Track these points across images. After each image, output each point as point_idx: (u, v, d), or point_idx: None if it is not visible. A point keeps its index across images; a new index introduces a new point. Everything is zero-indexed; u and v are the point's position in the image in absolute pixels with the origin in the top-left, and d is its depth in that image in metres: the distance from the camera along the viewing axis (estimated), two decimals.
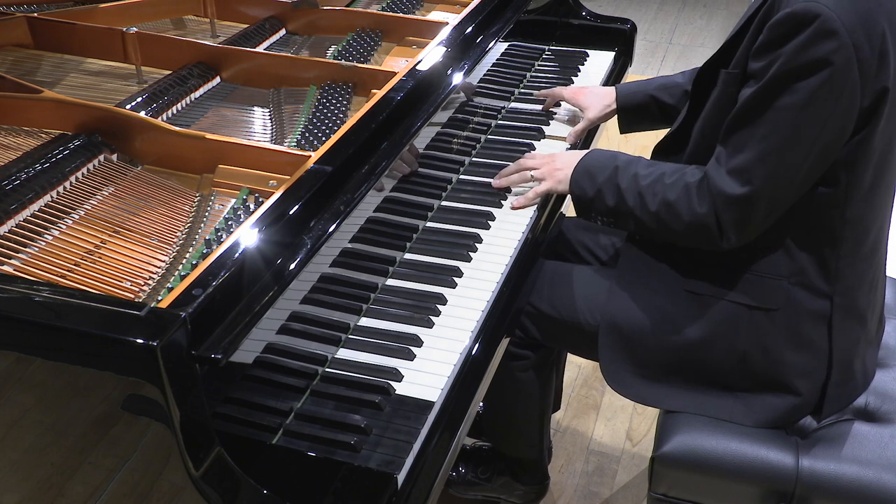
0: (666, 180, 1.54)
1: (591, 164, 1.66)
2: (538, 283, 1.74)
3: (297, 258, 1.26)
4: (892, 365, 1.69)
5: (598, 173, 1.63)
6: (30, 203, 1.37)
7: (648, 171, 1.58)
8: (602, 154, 1.68)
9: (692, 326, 1.58)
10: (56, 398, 1.11)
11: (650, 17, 5.53)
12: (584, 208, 1.67)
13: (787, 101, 1.37)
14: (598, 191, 1.62)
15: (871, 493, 1.47)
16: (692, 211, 1.49)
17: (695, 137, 1.59)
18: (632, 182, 1.57)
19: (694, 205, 1.49)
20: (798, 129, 1.38)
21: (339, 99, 1.73)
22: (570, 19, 2.54)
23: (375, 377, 1.36)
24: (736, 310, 1.55)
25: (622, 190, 1.58)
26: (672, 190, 1.52)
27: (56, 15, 1.94)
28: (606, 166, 1.63)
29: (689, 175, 1.52)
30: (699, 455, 1.53)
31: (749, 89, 1.42)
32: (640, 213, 1.56)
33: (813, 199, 1.46)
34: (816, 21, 1.32)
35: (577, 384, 2.59)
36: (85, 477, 1.16)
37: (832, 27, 1.31)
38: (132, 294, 1.25)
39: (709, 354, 1.58)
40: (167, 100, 1.70)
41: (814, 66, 1.34)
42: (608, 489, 2.27)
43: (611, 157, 1.65)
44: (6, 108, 1.60)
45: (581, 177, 1.66)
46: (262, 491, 1.10)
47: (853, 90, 1.35)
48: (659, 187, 1.54)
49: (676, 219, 1.51)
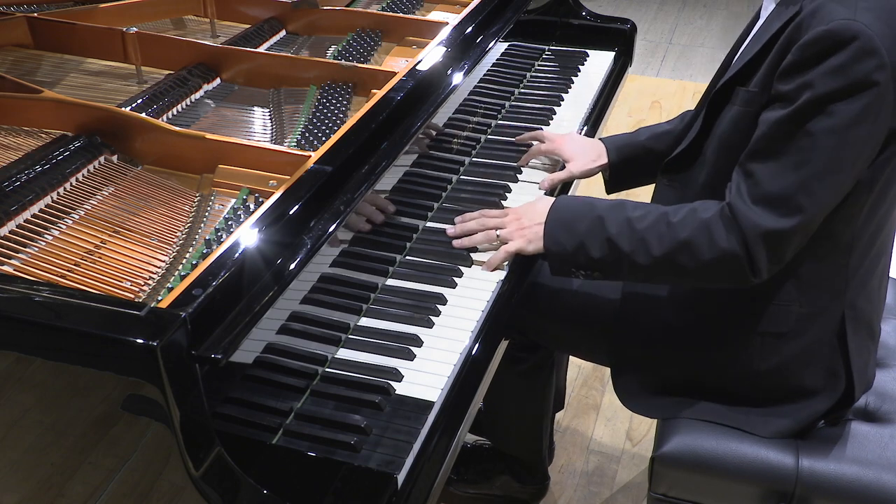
0: (671, 219, 1.43)
1: (566, 216, 1.52)
2: (538, 284, 1.72)
3: (297, 258, 1.26)
4: (892, 365, 1.69)
5: (576, 224, 1.49)
6: (30, 204, 1.37)
7: (642, 213, 1.46)
8: (573, 202, 1.55)
9: (704, 347, 1.55)
10: (56, 398, 1.11)
11: (650, 17, 5.52)
12: (563, 264, 1.53)
13: (825, 125, 1.29)
14: (580, 244, 1.48)
15: (871, 493, 1.47)
16: (715, 247, 1.38)
17: (710, 157, 1.50)
18: (625, 227, 1.45)
19: (717, 240, 1.38)
20: (838, 154, 1.30)
21: (339, 99, 1.73)
22: (570, 19, 2.54)
23: (375, 377, 1.36)
24: (747, 334, 1.51)
25: (612, 237, 1.45)
26: (683, 229, 1.41)
27: (56, 15, 1.94)
28: (584, 215, 1.50)
29: (703, 211, 1.42)
30: (699, 455, 1.53)
31: (776, 112, 1.34)
32: (641, 259, 1.44)
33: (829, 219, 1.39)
34: (856, 40, 1.25)
35: (577, 384, 2.59)
36: (85, 477, 1.16)
37: (873, 46, 1.25)
38: (132, 294, 1.25)
39: (723, 373, 1.55)
40: (167, 100, 1.70)
41: (855, 87, 1.27)
42: (608, 489, 2.27)
43: (586, 205, 1.52)
44: (6, 108, 1.60)
45: (556, 231, 1.52)
46: (262, 491, 1.10)
47: (889, 111, 1.30)
48: (664, 228, 1.42)
49: (694, 258, 1.40)
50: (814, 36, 1.29)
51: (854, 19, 1.26)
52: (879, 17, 1.27)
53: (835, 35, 1.27)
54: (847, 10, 1.28)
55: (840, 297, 1.49)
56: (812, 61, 1.29)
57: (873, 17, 1.27)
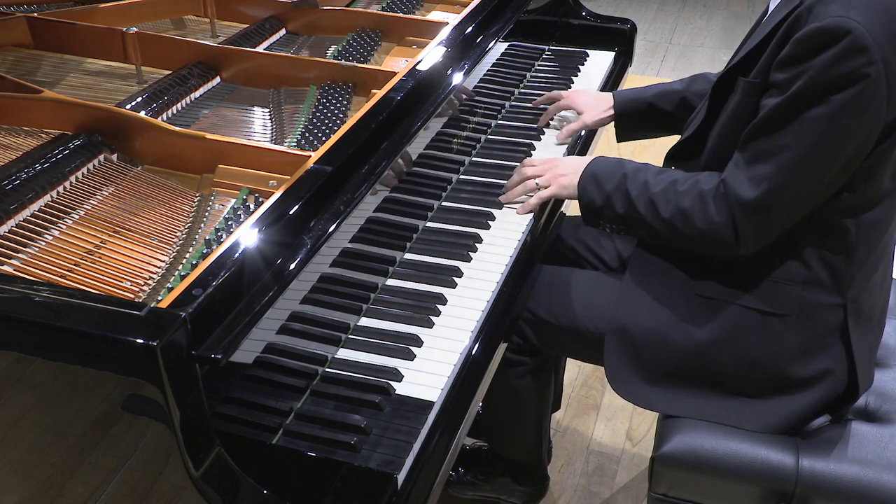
0: (679, 187, 1.53)
1: (598, 171, 1.64)
2: (536, 288, 1.73)
3: (297, 258, 1.26)
4: (892, 365, 1.69)
5: (606, 180, 1.61)
6: (30, 203, 1.37)
7: (659, 178, 1.57)
8: (607, 161, 1.66)
9: (702, 330, 1.57)
10: (56, 398, 1.11)
11: (650, 17, 5.52)
12: (593, 216, 1.65)
13: (814, 113, 1.37)
14: (608, 198, 1.60)
15: (871, 493, 1.47)
16: (708, 218, 1.48)
17: (712, 144, 1.57)
18: (642, 189, 1.56)
19: (709, 212, 1.48)
20: (822, 141, 1.37)
21: (339, 99, 1.73)
22: (570, 19, 2.54)
23: (375, 377, 1.36)
24: (748, 315, 1.54)
25: (632, 197, 1.57)
26: (686, 197, 1.51)
27: (56, 15, 1.94)
28: (614, 173, 1.61)
29: (704, 182, 1.51)
30: (699, 455, 1.53)
31: (773, 99, 1.41)
32: (652, 221, 1.55)
33: (829, 207, 1.46)
34: (848, 37, 1.31)
35: (577, 384, 2.59)
36: (85, 477, 1.16)
37: (864, 43, 1.31)
38: (132, 294, 1.25)
39: (718, 359, 1.56)
40: (167, 100, 1.70)
41: (844, 80, 1.33)
42: (608, 489, 2.27)
43: (617, 164, 1.63)
44: (6, 108, 1.60)
45: (588, 184, 1.64)
46: (262, 491, 1.10)
47: (879, 104, 1.35)
48: (671, 195, 1.53)
49: (691, 226, 1.50)
50: (808, 31, 1.35)
51: (847, 17, 1.32)
52: (871, 15, 1.33)
53: (828, 31, 1.33)
54: (840, 8, 1.33)
55: (844, 289, 1.51)
56: (806, 55, 1.36)
57: (865, 15, 1.32)
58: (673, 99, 1.93)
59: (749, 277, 1.54)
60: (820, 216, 1.47)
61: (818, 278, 1.51)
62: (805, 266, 1.50)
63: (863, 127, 1.37)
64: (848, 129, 1.36)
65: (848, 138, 1.37)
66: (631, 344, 1.62)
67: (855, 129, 1.37)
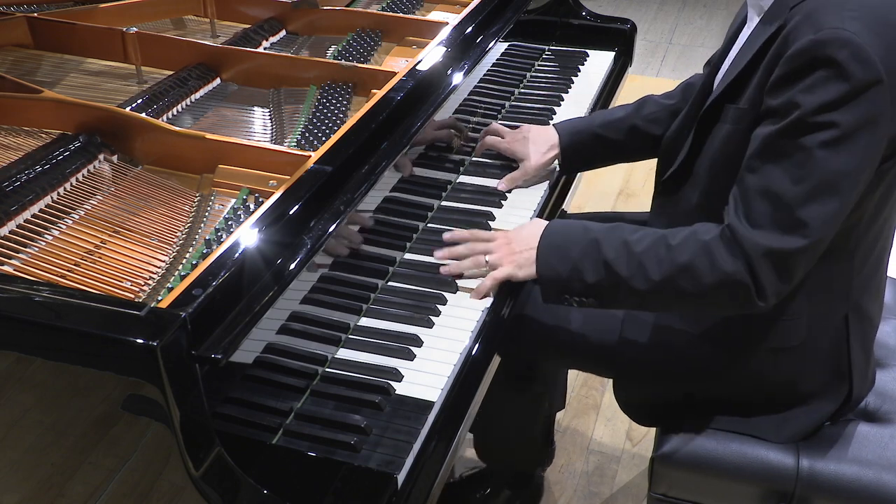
0: (670, 242, 1.37)
1: (559, 240, 1.46)
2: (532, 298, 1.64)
3: (297, 258, 1.26)
4: (892, 365, 1.69)
5: (571, 248, 1.43)
6: (30, 205, 1.37)
7: (640, 235, 1.41)
8: (567, 226, 1.49)
9: (711, 367, 1.53)
10: (56, 398, 1.11)
11: (650, 17, 5.52)
12: (557, 290, 1.46)
13: (819, 138, 1.24)
14: (574, 269, 1.42)
15: (871, 493, 1.47)
16: (718, 270, 1.33)
17: (703, 177, 1.47)
18: (622, 251, 1.39)
19: (719, 263, 1.32)
20: (835, 167, 1.25)
21: (339, 99, 1.73)
22: (570, 19, 2.54)
23: (375, 377, 1.36)
24: (755, 351, 1.50)
25: (609, 262, 1.39)
26: (683, 252, 1.35)
27: (56, 15, 1.94)
28: (578, 239, 1.44)
29: (703, 233, 1.36)
30: (699, 455, 1.53)
31: (768, 128, 1.29)
32: (639, 284, 1.38)
33: None
34: (847, 49, 1.21)
35: (577, 384, 2.59)
36: (85, 477, 1.16)
37: (864, 55, 1.21)
38: (132, 294, 1.25)
39: (731, 389, 1.55)
40: (167, 100, 1.70)
41: (847, 97, 1.22)
42: (608, 489, 2.27)
43: (580, 228, 1.46)
44: (6, 108, 1.60)
45: (549, 256, 1.45)
46: (262, 491, 1.10)
47: (890, 118, 1.26)
48: (663, 252, 1.37)
49: (695, 282, 1.35)
50: (802, 46, 1.25)
51: (843, 28, 1.22)
52: (867, 25, 1.23)
53: (824, 44, 1.22)
54: (835, 20, 1.23)
55: (844, 299, 1.47)
56: (801, 72, 1.25)
57: (861, 26, 1.23)
58: (621, 128, 1.81)
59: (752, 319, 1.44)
60: None
61: (818, 300, 1.44)
62: (806, 294, 1.43)
63: (872, 145, 1.26)
64: (861, 150, 1.25)
65: (861, 159, 1.26)
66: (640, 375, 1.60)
67: (867, 149, 1.26)
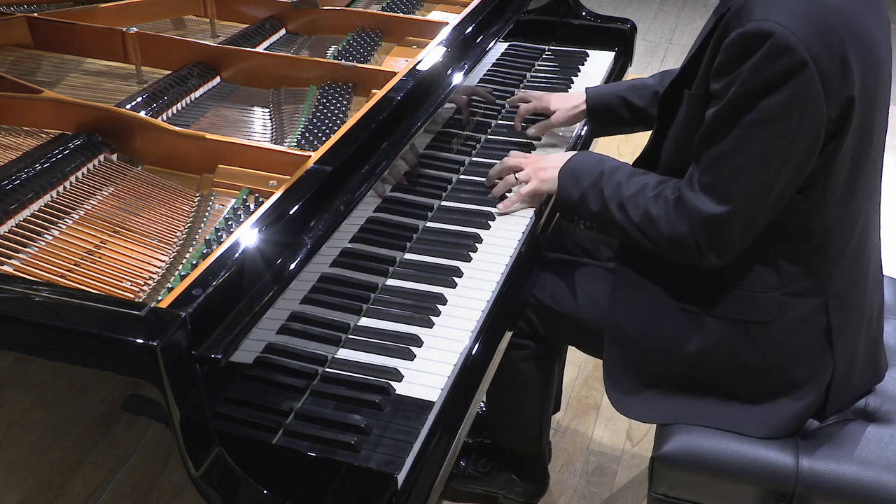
0: (648, 192, 1.52)
1: (578, 167, 1.63)
2: (541, 275, 1.74)
3: (297, 258, 1.26)
4: (893, 365, 1.69)
5: (584, 177, 1.60)
6: (30, 203, 1.37)
7: (632, 180, 1.55)
8: (589, 157, 1.65)
9: (690, 343, 1.56)
10: (56, 398, 1.11)
11: (650, 17, 5.52)
12: (568, 211, 1.64)
13: (751, 119, 1.35)
14: (583, 195, 1.59)
15: (871, 493, 1.47)
16: (671, 227, 1.47)
17: (666, 156, 1.57)
18: (615, 190, 1.55)
19: (672, 221, 1.47)
20: (766, 146, 1.36)
21: (339, 99, 1.73)
22: (570, 19, 2.54)
23: (375, 377, 1.36)
24: (730, 325, 1.54)
25: (605, 197, 1.56)
26: (654, 203, 1.50)
27: (56, 15, 1.94)
28: (592, 171, 1.60)
29: (670, 190, 1.50)
30: (699, 455, 1.53)
31: (713, 109, 1.40)
32: (623, 222, 1.54)
33: (791, 209, 1.45)
34: (770, 39, 1.30)
35: (577, 384, 2.59)
36: (85, 477, 1.16)
37: (787, 43, 1.30)
38: (132, 294, 1.25)
39: (708, 368, 1.56)
40: (167, 100, 1.70)
41: (773, 82, 1.32)
42: (608, 489, 2.27)
43: (597, 162, 1.62)
44: (6, 108, 1.60)
45: (567, 179, 1.63)
46: (262, 491, 1.10)
47: (818, 103, 1.34)
48: (641, 199, 1.52)
49: (657, 232, 1.50)
50: (733, 37, 1.35)
51: (768, 19, 1.31)
52: (794, 15, 1.32)
53: (751, 35, 1.32)
54: (763, 11, 1.33)
55: (824, 288, 1.50)
56: (735, 61, 1.35)
57: (787, 16, 1.31)
58: (645, 94, 1.92)
59: (725, 289, 1.53)
60: (784, 219, 1.46)
61: (794, 282, 1.50)
62: (779, 272, 1.50)
63: (804, 128, 1.35)
64: (788, 133, 1.35)
65: (790, 141, 1.35)
66: (626, 348, 1.62)
67: (796, 131, 1.35)
